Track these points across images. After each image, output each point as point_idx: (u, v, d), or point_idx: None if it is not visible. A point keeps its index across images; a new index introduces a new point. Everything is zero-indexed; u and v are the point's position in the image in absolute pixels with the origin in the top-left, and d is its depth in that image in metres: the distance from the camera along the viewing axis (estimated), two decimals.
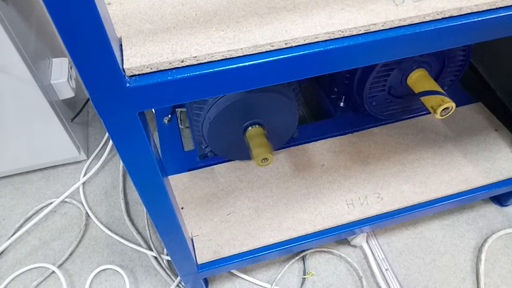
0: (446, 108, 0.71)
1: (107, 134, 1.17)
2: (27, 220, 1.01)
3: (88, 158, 1.13)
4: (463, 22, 0.45)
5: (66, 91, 0.98)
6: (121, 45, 0.42)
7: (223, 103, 0.72)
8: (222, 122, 0.74)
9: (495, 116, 0.97)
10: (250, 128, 0.76)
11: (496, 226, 0.95)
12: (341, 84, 0.92)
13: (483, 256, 0.89)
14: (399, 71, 0.80)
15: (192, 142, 1.03)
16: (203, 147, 0.86)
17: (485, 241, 0.91)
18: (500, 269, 0.88)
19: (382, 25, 0.43)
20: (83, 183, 1.07)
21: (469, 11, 0.45)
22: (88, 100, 1.13)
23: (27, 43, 0.85)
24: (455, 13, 0.45)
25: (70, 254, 0.94)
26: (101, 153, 1.13)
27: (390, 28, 0.44)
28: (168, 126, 1.02)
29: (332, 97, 0.98)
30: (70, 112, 1.05)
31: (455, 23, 0.45)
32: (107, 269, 0.92)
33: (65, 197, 1.02)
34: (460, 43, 0.48)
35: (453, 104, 0.71)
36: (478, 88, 1.07)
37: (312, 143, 0.93)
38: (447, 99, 0.72)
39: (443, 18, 0.45)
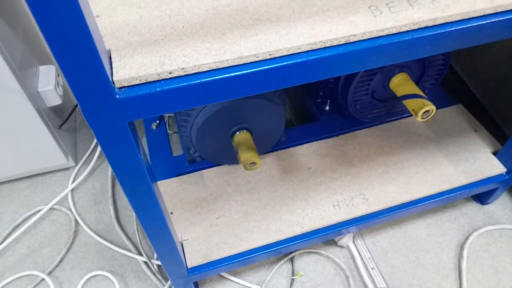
0: (427, 111, 0.74)
1: (95, 141, 1.17)
2: (16, 228, 1.01)
3: (76, 164, 1.13)
4: (438, 32, 0.47)
5: (53, 99, 0.98)
6: (110, 57, 0.43)
7: (211, 109, 0.73)
8: (210, 128, 0.76)
9: (474, 117, 1.00)
10: (237, 133, 0.78)
11: (477, 224, 0.98)
12: (326, 88, 0.94)
13: (465, 253, 0.92)
14: (381, 76, 0.83)
15: (181, 147, 1.04)
16: (192, 152, 0.87)
17: (466, 238, 0.94)
18: (481, 265, 0.91)
19: (362, 36, 0.45)
20: (72, 190, 1.07)
21: (443, 21, 0.47)
22: (75, 107, 1.13)
23: (14, 50, 0.85)
24: (430, 24, 0.47)
25: (60, 261, 0.94)
26: (90, 159, 1.13)
27: (369, 39, 0.46)
28: (157, 132, 1.02)
29: (317, 101, 1.00)
30: (58, 119, 1.05)
31: (431, 33, 0.47)
32: (97, 275, 0.92)
33: (54, 204, 1.02)
34: (436, 52, 0.50)
35: (434, 107, 0.74)
36: (458, 90, 1.11)
37: (298, 146, 0.94)
38: (428, 102, 0.74)
39: (419, 28, 0.47)
